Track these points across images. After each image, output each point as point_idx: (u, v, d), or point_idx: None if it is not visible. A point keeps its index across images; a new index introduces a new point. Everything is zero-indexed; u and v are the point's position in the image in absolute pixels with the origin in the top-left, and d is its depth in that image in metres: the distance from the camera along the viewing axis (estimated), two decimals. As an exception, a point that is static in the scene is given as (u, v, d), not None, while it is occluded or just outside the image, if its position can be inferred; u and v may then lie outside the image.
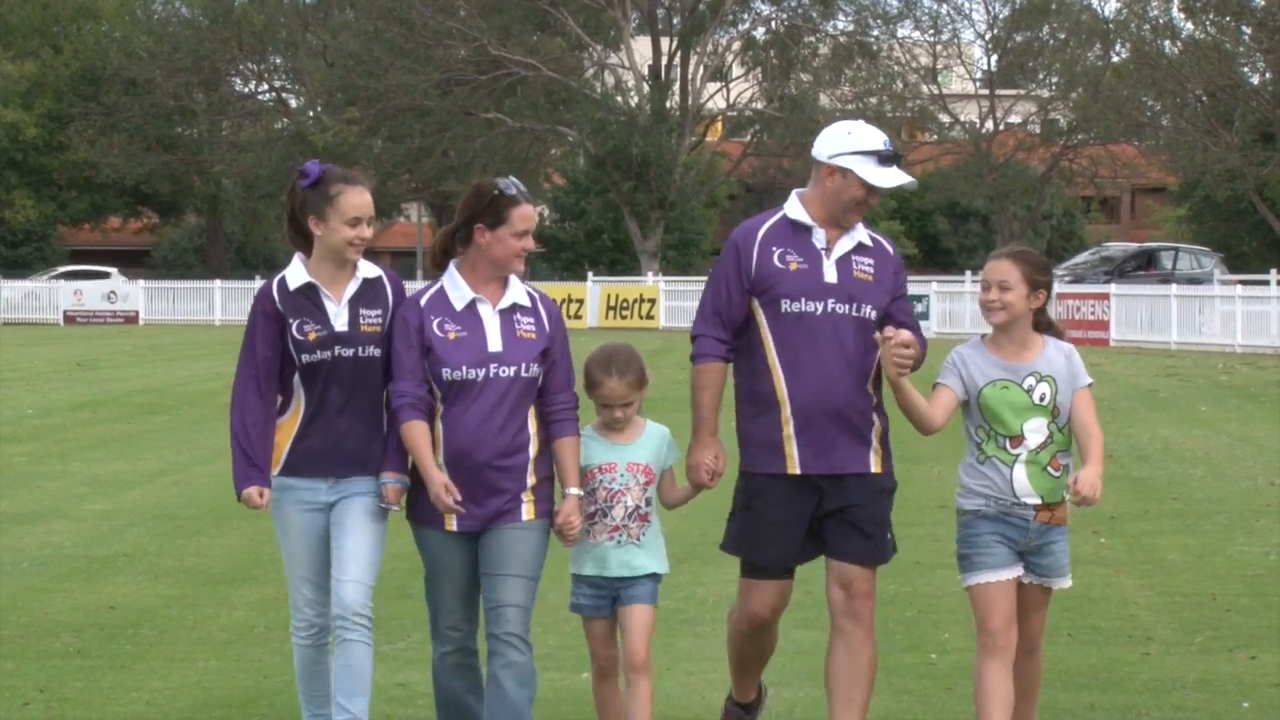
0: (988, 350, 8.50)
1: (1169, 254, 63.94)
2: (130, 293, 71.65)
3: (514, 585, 8.28)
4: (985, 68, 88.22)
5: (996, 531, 8.42)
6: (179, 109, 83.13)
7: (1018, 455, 8.40)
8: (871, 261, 8.62)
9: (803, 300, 8.47)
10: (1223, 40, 73.22)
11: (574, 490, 8.37)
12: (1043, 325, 8.56)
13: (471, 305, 8.37)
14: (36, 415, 28.06)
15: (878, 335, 8.34)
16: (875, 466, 8.58)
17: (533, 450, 8.37)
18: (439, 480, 8.18)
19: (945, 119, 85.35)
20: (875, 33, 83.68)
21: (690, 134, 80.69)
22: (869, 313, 8.51)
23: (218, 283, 70.29)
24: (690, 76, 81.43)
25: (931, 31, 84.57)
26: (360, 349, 8.37)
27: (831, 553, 8.57)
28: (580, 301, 64.20)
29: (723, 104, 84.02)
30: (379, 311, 8.45)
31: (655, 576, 8.62)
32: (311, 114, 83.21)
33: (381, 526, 8.45)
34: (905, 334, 8.23)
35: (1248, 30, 73.18)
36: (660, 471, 8.66)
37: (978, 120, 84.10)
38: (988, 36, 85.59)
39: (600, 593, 8.57)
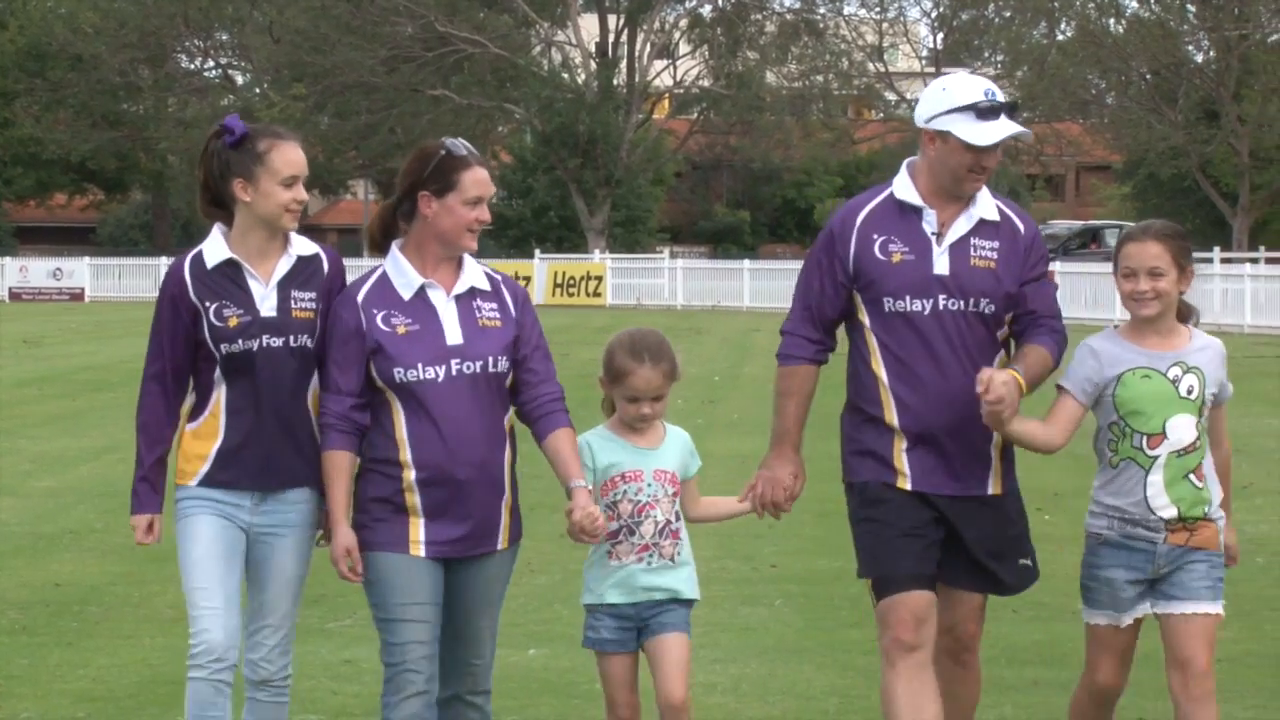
0: (1124, 339, 7.17)
1: (1113, 232, 64.12)
2: (76, 269, 71.38)
3: (486, 634, 7.11)
4: (931, 46, 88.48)
5: (1121, 564, 7.08)
6: (125, 85, 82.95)
7: (1156, 457, 7.02)
8: (995, 244, 7.20)
9: (907, 298, 7.11)
10: (1167, 18, 73.63)
11: (581, 481, 6.91)
12: (1183, 311, 7.23)
13: (421, 292, 6.93)
14: (-18, 391, 27.95)
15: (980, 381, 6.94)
16: (995, 488, 7.22)
17: (507, 459, 7.01)
18: (343, 542, 6.83)
19: (892, 97, 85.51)
20: (822, 10, 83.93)
21: (637, 111, 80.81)
22: (988, 307, 7.15)
23: (163, 260, 69.80)
24: (637, 54, 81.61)
25: (878, 9, 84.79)
26: (292, 338, 6.94)
27: (951, 583, 7.25)
28: (527, 279, 64.00)
29: (670, 81, 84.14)
30: (313, 294, 7.00)
31: (689, 602, 7.22)
32: (258, 90, 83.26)
33: (306, 568, 7.12)
34: (997, 385, 6.82)
35: (1192, 8, 73.59)
36: (683, 480, 7.27)
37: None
38: (934, 15, 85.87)
39: (626, 624, 7.13)
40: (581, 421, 7.13)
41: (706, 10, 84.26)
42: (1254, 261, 51.64)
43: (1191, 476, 7.03)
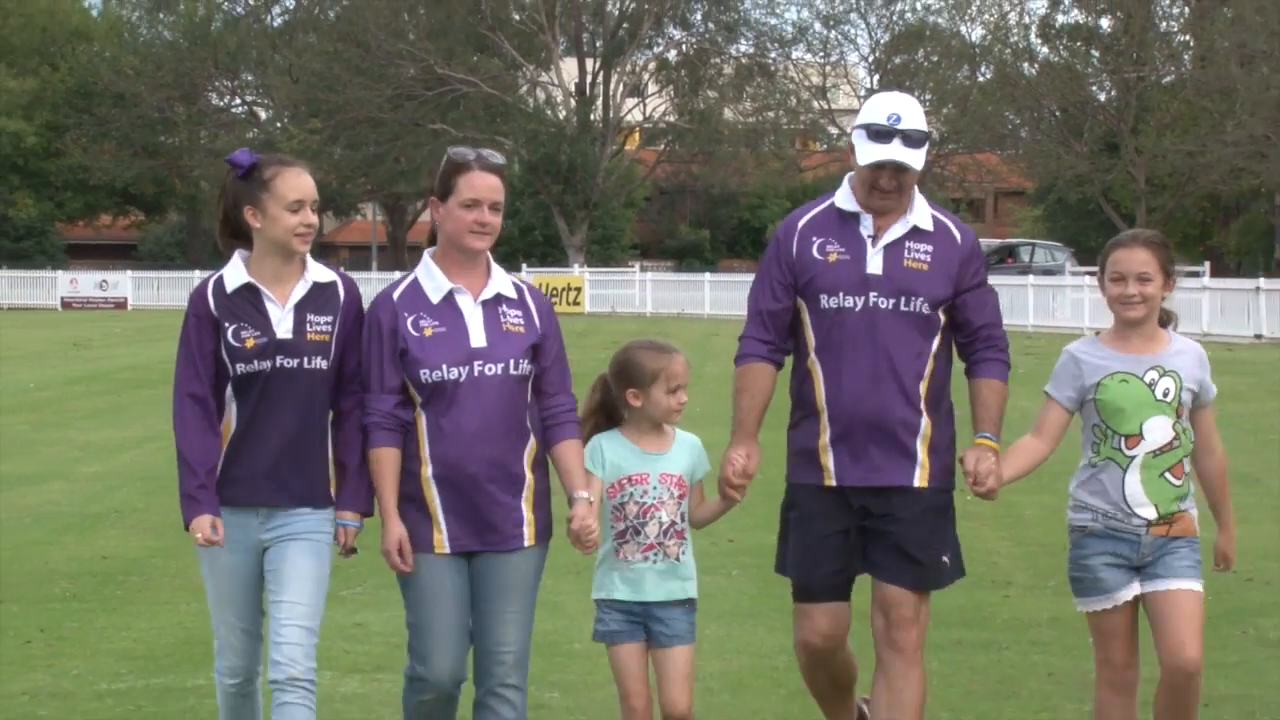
0: (1104, 345, 6.80)
1: (1027, 249, 64.24)
2: (119, 281, 71.29)
3: (514, 623, 6.49)
4: (869, 85, 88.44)
5: (1106, 551, 6.69)
6: (162, 120, 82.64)
7: (1134, 457, 6.64)
8: (929, 248, 6.80)
9: (840, 295, 6.73)
10: (1074, 62, 73.70)
11: (584, 494, 6.52)
12: (1163, 317, 6.84)
13: (449, 297, 6.47)
14: (37, 389, 27.91)
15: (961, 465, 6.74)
16: (919, 480, 6.77)
17: (529, 458, 6.52)
18: (395, 533, 6.40)
19: (834, 131, 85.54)
20: (773, 55, 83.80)
21: (611, 143, 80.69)
22: (921, 306, 6.75)
23: (196, 273, 69.48)
24: (611, 93, 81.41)
25: (822, 54, 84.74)
26: (305, 360, 6.43)
27: (874, 573, 6.84)
28: (515, 289, 64.25)
29: (640, 117, 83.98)
30: (329, 319, 6.49)
31: (691, 605, 6.78)
32: (279, 124, 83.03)
33: (325, 570, 6.58)
34: (983, 476, 6.65)
35: (1095, 54, 73.68)
36: (691, 484, 6.85)
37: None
38: (870, 59, 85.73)
39: (634, 618, 6.69)
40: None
41: (672, 55, 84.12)
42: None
43: (1168, 474, 6.66)
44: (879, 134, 6.70)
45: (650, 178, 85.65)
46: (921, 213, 6.87)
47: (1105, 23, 73.06)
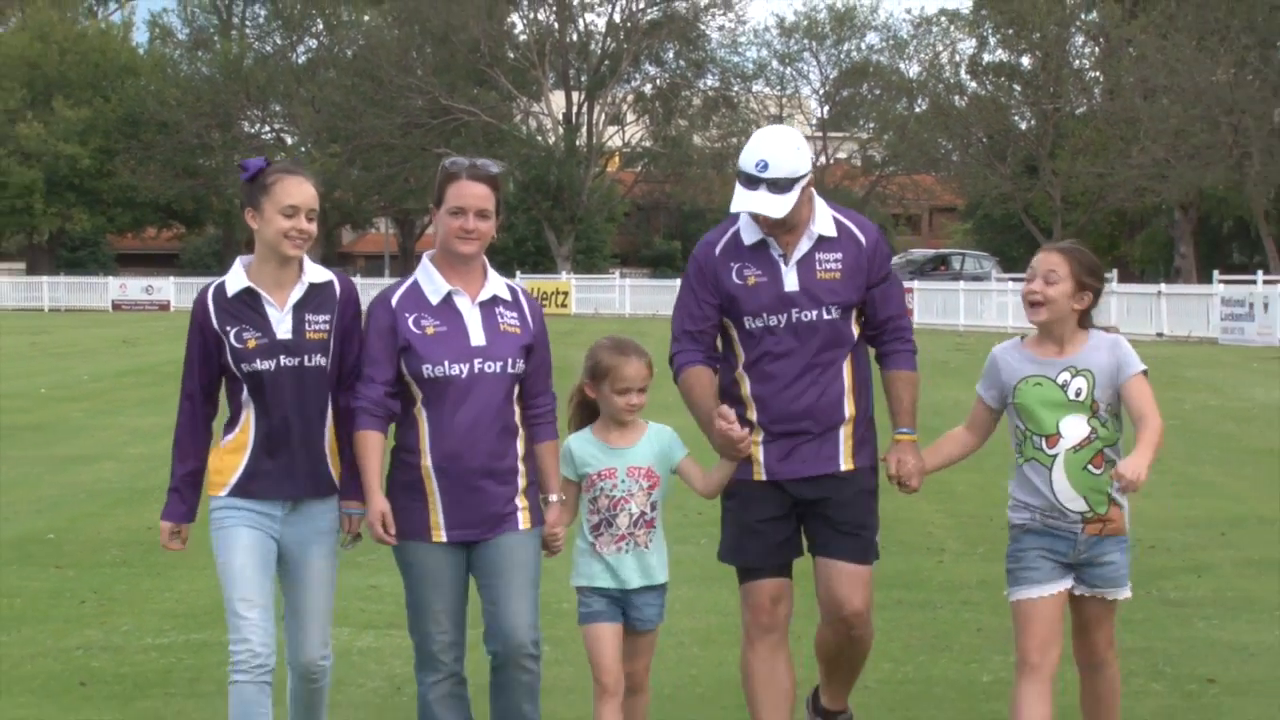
0: (1025, 349, 6.32)
1: (958, 258, 64.41)
2: (163, 286, 71.42)
3: (519, 593, 6.05)
4: (820, 115, 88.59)
5: (1043, 546, 6.19)
6: (200, 145, 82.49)
7: (1055, 455, 6.16)
8: (838, 255, 6.41)
9: (765, 315, 6.36)
10: (998, 95, 73.93)
11: (555, 497, 6.22)
12: (1087, 325, 6.34)
13: (448, 298, 6.08)
14: (91, 380, 27.86)
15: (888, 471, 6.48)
16: (846, 464, 6.43)
17: (520, 450, 6.13)
18: (378, 506, 5.99)
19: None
20: (735, 88, 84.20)
21: (594, 165, 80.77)
22: (836, 312, 6.39)
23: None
24: (594, 121, 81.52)
25: (779, 87, 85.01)
26: (306, 358, 6.00)
27: (815, 550, 6.50)
28: (510, 293, 64.44)
29: (619, 142, 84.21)
30: (326, 318, 6.05)
31: (663, 589, 6.44)
32: (303, 149, 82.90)
33: (335, 569, 6.24)
34: (906, 474, 6.48)
35: (1017, 88, 73.88)
36: (667, 472, 6.40)
37: (816, 154, 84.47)
38: (821, 92, 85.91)
39: (614, 601, 6.32)
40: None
41: (648, 88, 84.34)
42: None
43: (1089, 466, 6.15)
44: (748, 180, 6.26)
45: (628, 195, 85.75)
46: (823, 220, 6.44)
47: (1026, 61, 73.32)
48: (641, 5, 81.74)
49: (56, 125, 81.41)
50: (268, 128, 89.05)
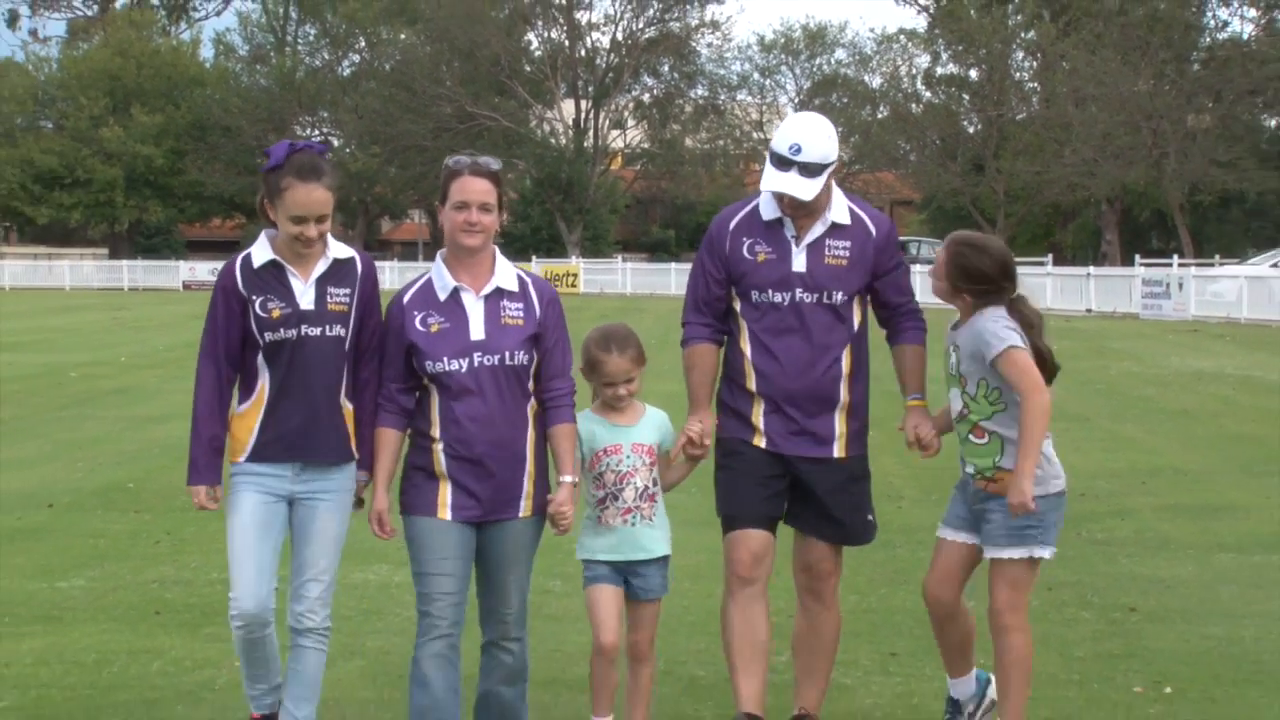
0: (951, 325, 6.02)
1: (915, 244, 64.39)
2: (226, 269, 71.61)
3: (513, 588, 5.64)
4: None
5: (960, 493, 5.94)
6: (259, 146, 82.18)
7: (954, 422, 5.92)
8: (847, 244, 5.93)
9: (770, 291, 5.88)
10: (950, 104, 73.89)
11: (568, 478, 5.65)
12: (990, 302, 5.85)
13: (455, 294, 5.60)
14: (165, 350, 27.82)
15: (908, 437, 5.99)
16: (839, 452, 5.97)
17: (529, 439, 5.61)
18: (380, 504, 5.63)
19: (767, 154, 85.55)
20: (722, 97, 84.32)
21: (599, 164, 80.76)
22: (839, 298, 5.90)
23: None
24: (600, 126, 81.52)
25: (759, 96, 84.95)
26: (327, 328, 5.57)
27: (797, 527, 6.07)
28: (527, 275, 64.53)
29: (621, 144, 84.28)
30: (347, 290, 5.63)
31: (666, 560, 6.00)
32: (348, 150, 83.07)
33: (345, 526, 5.75)
34: (925, 440, 5.98)
35: (966, 97, 73.82)
36: (660, 453, 6.03)
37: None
38: (796, 100, 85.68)
39: (617, 570, 5.91)
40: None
41: (646, 97, 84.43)
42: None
43: (971, 436, 5.77)
44: (780, 162, 5.82)
45: (629, 190, 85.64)
46: (839, 208, 5.97)
47: (974, 73, 73.20)
48: (640, 25, 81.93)
49: (134, 130, 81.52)
50: (317, 132, 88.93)
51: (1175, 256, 47.85)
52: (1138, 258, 49.72)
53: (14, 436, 16.10)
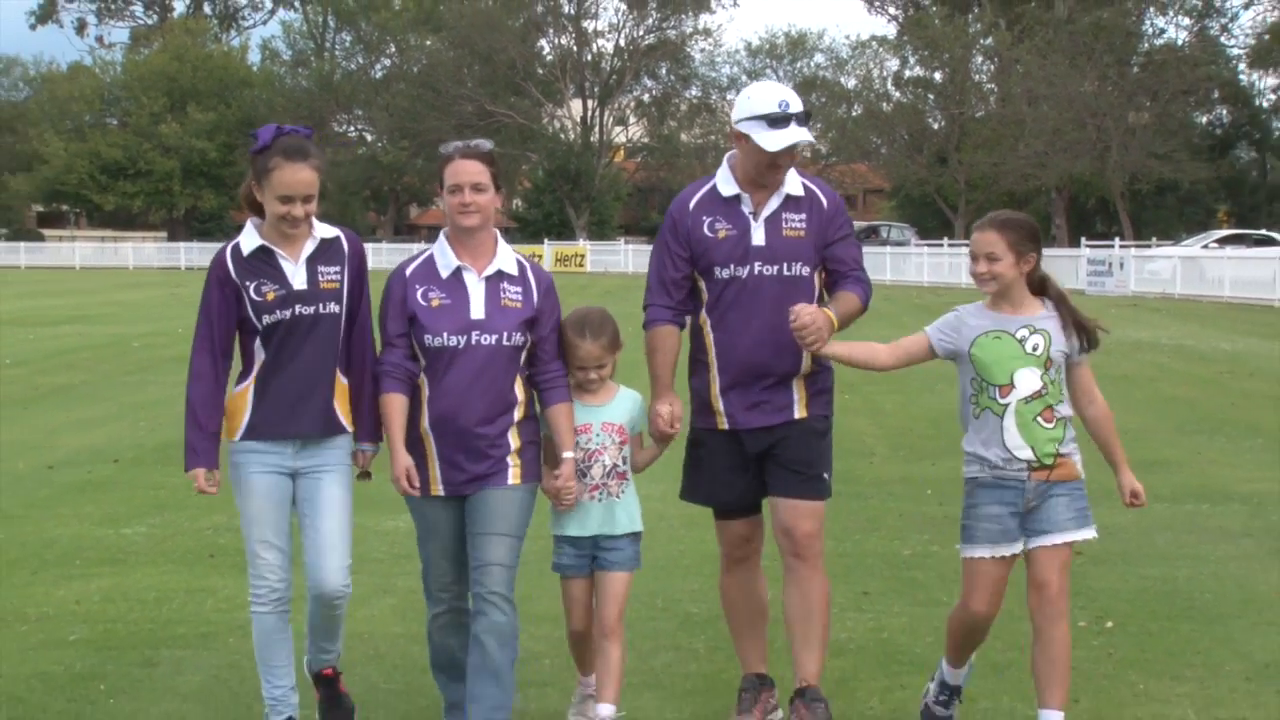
0: (985, 309, 5.25)
1: (885, 228, 64.56)
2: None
3: (498, 544, 5.08)
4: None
5: (995, 500, 5.10)
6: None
7: (1007, 405, 5.10)
8: (803, 216, 5.43)
9: (732, 266, 5.38)
10: (917, 103, 73.72)
11: (569, 454, 5.23)
12: (1037, 286, 5.24)
13: (457, 273, 5.16)
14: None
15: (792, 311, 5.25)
16: (800, 412, 5.43)
17: (517, 416, 5.16)
18: (402, 462, 5.09)
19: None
20: (714, 97, 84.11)
21: (604, 157, 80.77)
22: (800, 269, 5.40)
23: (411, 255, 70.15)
24: (604, 122, 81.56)
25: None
26: (320, 306, 5.10)
27: (772, 492, 5.48)
28: (540, 256, 64.37)
29: (624, 139, 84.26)
30: (336, 268, 5.16)
31: (636, 536, 5.41)
32: (380, 144, 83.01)
33: (350, 498, 5.24)
34: (803, 315, 5.18)
35: (931, 96, 73.65)
36: (631, 434, 5.45)
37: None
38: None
39: (582, 552, 5.35)
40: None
41: (646, 97, 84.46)
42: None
43: (1039, 419, 5.10)
44: (776, 121, 5.27)
45: (630, 180, 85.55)
46: (792, 182, 5.45)
47: (938, 76, 73.04)
48: (641, 33, 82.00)
49: (190, 126, 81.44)
50: (352, 128, 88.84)
51: (1117, 239, 47.79)
52: (1083, 240, 49.68)
53: (84, 399, 16.09)
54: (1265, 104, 73.58)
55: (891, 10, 76.87)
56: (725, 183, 5.49)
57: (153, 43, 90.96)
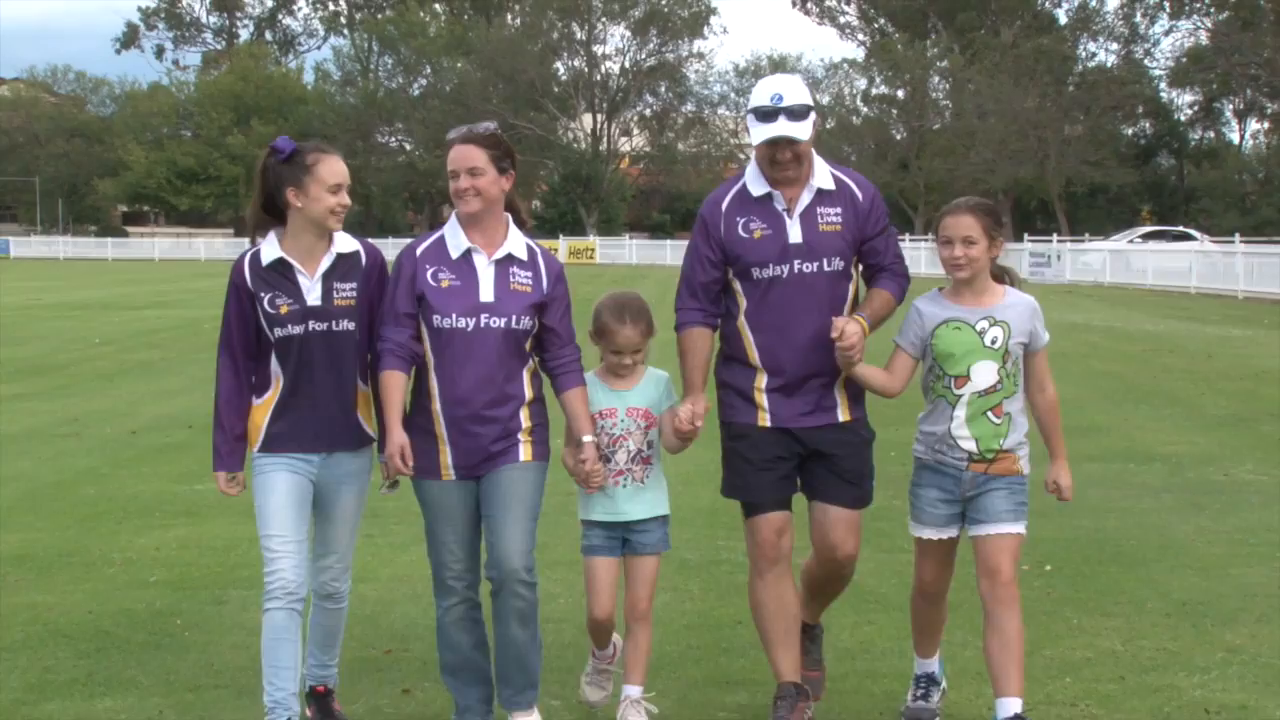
0: (944, 298, 4.59)
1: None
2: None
3: (515, 524, 4.41)
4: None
5: (934, 485, 4.54)
6: (348, 150, 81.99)
7: (961, 395, 4.47)
8: (837, 210, 4.66)
9: (770, 266, 4.60)
10: (882, 117, 73.63)
11: (589, 437, 4.53)
12: (997, 274, 4.66)
13: (467, 255, 4.47)
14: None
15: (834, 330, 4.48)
16: (844, 415, 4.67)
17: (527, 398, 4.49)
18: (397, 440, 4.35)
19: (743, 156, 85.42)
20: (706, 112, 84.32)
21: (611, 163, 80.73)
22: (838, 264, 4.63)
23: (371, 240, 69.78)
24: (612, 133, 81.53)
25: (735, 111, 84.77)
26: (334, 323, 4.43)
27: (812, 495, 4.72)
28: (556, 249, 64.48)
29: (628, 148, 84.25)
30: (353, 285, 4.48)
31: (664, 520, 4.73)
32: (418, 153, 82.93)
33: (363, 505, 4.65)
34: (850, 333, 4.45)
35: (895, 111, 73.53)
36: (660, 415, 4.72)
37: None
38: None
39: (612, 534, 4.69)
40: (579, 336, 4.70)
41: (647, 112, 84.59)
42: (928, 241, 51.90)
43: (989, 414, 4.47)
44: (765, 115, 4.58)
45: (634, 184, 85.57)
46: (822, 174, 4.69)
47: (900, 93, 72.92)
48: (643, 56, 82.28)
49: (253, 137, 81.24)
50: (393, 139, 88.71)
51: (1055, 235, 47.68)
52: (1026, 236, 49.52)
53: (162, 373, 16.08)
54: (1183, 118, 73.50)
55: (860, 37, 76.78)
56: (755, 182, 4.70)
57: (221, 65, 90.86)
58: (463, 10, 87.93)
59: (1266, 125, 69.49)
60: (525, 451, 4.48)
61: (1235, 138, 75.06)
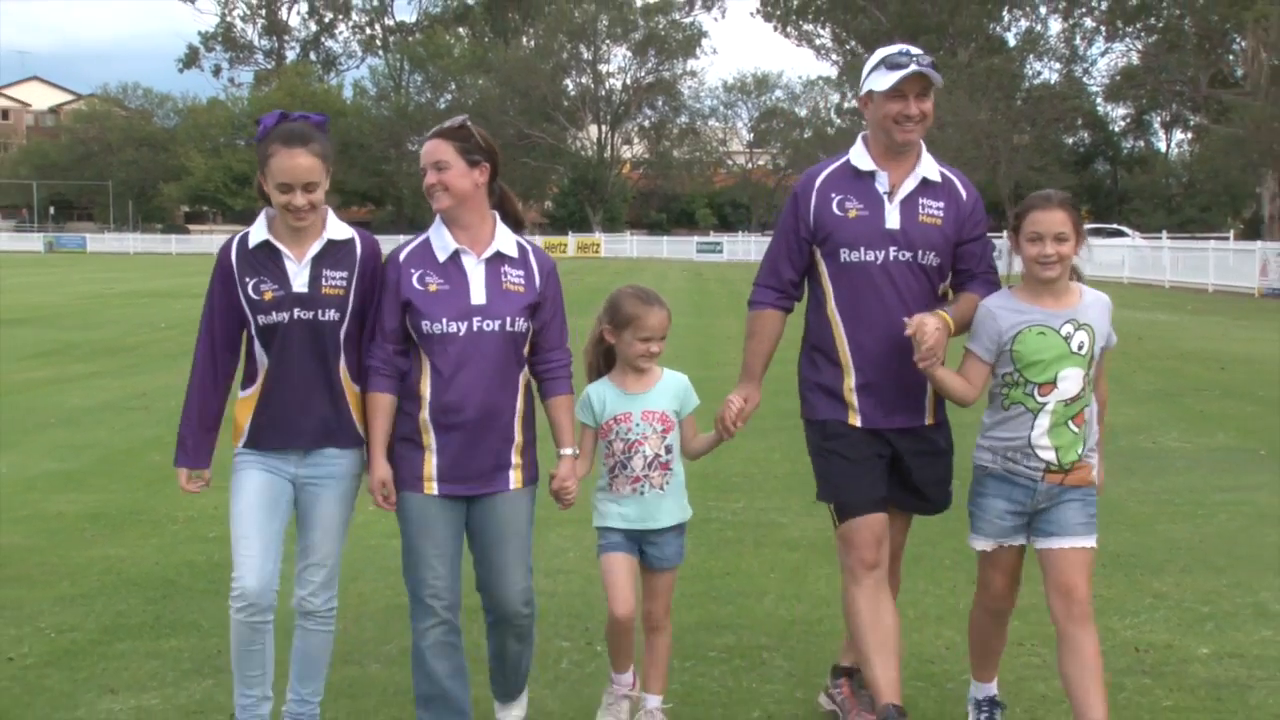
0: (1019, 299, 3.78)
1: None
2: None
3: (512, 561, 3.75)
4: (748, 139, 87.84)
5: (1002, 495, 3.76)
6: (383, 157, 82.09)
7: (1044, 404, 3.69)
8: (940, 204, 3.90)
9: (862, 249, 3.84)
10: (854, 127, 73.38)
11: (568, 450, 3.84)
12: (1072, 273, 3.81)
13: (454, 256, 3.72)
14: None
15: (908, 329, 3.72)
16: (929, 418, 3.95)
17: (519, 407, 3.76)
18: (380, 473, 3.70)
19: (730, 163, 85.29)
20: (698, 123, 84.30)
21: (614, 169, 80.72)
22: (933, 259, 3.88)
23: (401, 238, 69.72)
24: (615, 142, 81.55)
25: (724, 122, 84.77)
26: (319, 312, 3.67)
27: (901, 507, 4.04)
28: (565, 245, 64.40)
29: (629, 155, 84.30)
30: (344, 274, 3.71)
31: (681, 528, 4.05)
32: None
33: (350, 510, 3.81)
34: (930, 331, 3.70)
35: (864, 122, 73.36)
36: (680, 420, 4.02)
37: (745, 163, 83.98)
38: (748, 125, 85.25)
39: (631, 537, 3.97)
40: (579, 332, 3.94)
41: (646, 123, 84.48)
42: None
43: (1071, 423, 3.70)
44: (895, 64, 3.79)
45: (635, 187, 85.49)
46: (929, 166, 3.95)
47: (869, 107, 72.80)
48: (643, 74, 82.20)
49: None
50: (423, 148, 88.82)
51: (1005, 233, 47.57)
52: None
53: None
54: (1116, 129, 73.48)
55: (834, 57, 76.51)
56: (860, 157, 3.95)
57: (271, 82, 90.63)
58: (484, 34, 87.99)
59: (1190, 135, 69.49)
60: (515, 478, 3.76)
61: (1163, 146, 75.16)
